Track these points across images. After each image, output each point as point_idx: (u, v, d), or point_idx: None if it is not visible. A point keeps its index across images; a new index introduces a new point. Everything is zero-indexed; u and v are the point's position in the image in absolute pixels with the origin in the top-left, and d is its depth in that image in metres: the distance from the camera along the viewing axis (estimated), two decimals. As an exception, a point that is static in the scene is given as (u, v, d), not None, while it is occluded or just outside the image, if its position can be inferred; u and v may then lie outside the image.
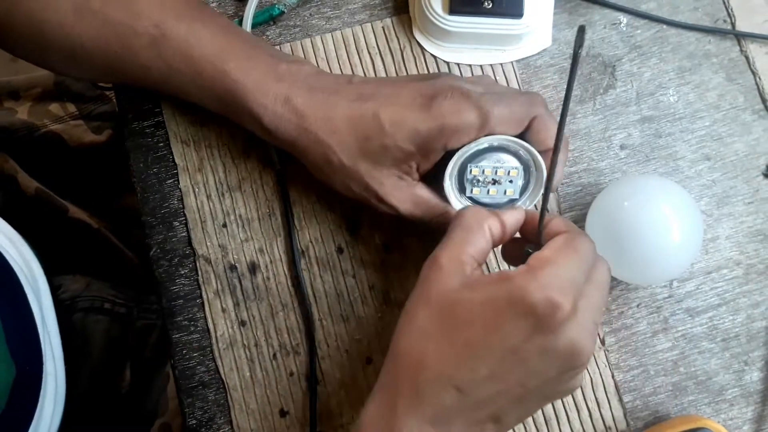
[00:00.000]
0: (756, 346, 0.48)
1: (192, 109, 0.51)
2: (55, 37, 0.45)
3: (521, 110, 0.41)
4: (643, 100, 0.51)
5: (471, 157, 0.41)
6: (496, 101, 0.41)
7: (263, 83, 0.43)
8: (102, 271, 0.66)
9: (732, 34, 0.51)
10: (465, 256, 0.36)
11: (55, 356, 0.53)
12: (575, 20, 0.52)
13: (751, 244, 0.49)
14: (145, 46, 0.44)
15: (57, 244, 0.63)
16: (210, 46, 0.43)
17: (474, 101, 0.40)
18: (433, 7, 0.48)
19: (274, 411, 0.48)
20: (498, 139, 0.41)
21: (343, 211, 0.50)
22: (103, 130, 0.72)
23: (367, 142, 0.41)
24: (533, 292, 0.33)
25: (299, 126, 0.43)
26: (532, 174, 0.42)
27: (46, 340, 0.52)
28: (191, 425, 0.48)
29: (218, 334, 0.49)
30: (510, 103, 0.41)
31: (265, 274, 0.49)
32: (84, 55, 0.45)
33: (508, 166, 0.41)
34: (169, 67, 0.44)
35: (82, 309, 0.61)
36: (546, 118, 0.42)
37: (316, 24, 0.52)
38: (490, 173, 0.42)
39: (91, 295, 0.63)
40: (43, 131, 0.69)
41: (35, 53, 0.48)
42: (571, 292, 0.34)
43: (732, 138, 0.50)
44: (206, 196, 0.50)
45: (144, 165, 0.51)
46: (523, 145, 0.41)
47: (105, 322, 0.63)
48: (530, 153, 0.41)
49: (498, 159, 0.41)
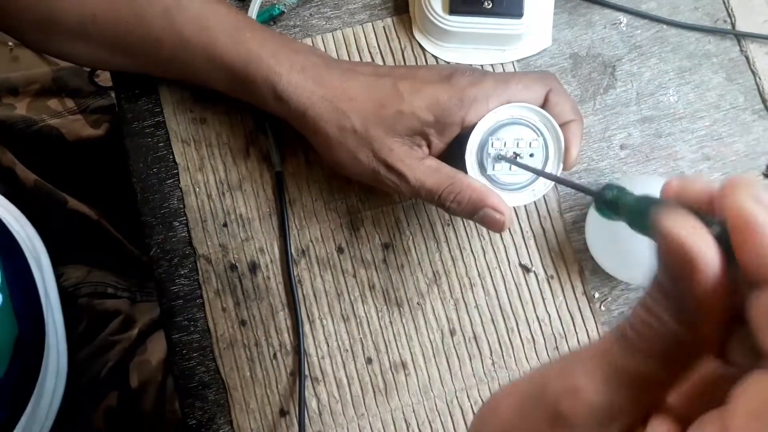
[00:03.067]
0: (756, 346, 0.48)
1: (192, 108, 0.51)
2: (65, 11, 0.45)
3: (537, 81, 0.42)
4: (643, 100, 0.51)
5: (490, 131, 0.41)
6: (512, 75, 0.42)
7: (280, 53, 0.43)
8: (102, 261, 0.66)
9: (732, 34, 0.51)
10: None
11: (57, 332, 0.53)
12: (575, 20, 0.52)
13: (751, 244, 0.49)
14: (158, 15, 0.44)
15: (57, 235, 0.63)
16: (226, 18, 0.44)
17: (491, 75, 0.42)
18: (433, 7, 0.48)
19: (274, 411, 0.48)
20: (520, 107, 0.41)
21: (343, 211, 0.50)
22: (101, 123, 0.72)
23: (383, 108, 0.42)
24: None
25: (315, 93, 0.42)
26: (551, 147, 0.42)
27: (48, 312, 0.52)
28: (191, 425, 0.48)
29: (218, 333, 0.49)
30: (526, 76, 0.42)
31: (265, 274, 0.49)
32: (94, 28, 0.45)
33: (528, 138, 0.41)
34: (181, 37, 0.44)
35: (85, 294, 0.61)
36: (561, 92, 0.43)
37: (316, 24, 0.52)
38: (512, 146, 0.41)
39: (93, 281, 0.63)
40: (40, 125, 0.69)
41: (41, 33, 0.48)
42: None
43: (732, 138, 0.50)
44: (207, 195, 0.50)
45: (144, 165, 0.51)
46: (543, 114, 0.41)
47: (111, 304, 0.63)
48: (549, 123, 0.41)
49: (516, 132, 0.41)
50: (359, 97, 0.42)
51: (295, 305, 0.48)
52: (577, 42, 0.51)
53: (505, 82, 0.41)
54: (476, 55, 0.51)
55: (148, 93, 0.51)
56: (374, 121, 0.42)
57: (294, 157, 0.50)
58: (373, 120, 0.42)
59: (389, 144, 0.42)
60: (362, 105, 0.42)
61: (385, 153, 0.42)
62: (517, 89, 0.41)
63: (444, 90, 0.41)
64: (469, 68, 0.43)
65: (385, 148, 0.42)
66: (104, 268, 0.66)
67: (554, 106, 0.42)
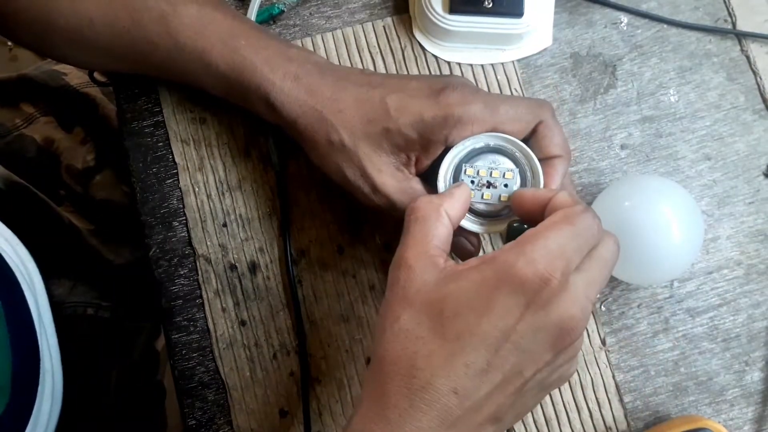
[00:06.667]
0: (757, 346, 0.48)
1: (192, 108, 0.51)
2: (63, 14, 0.45)
3: (528, 111, 0.41)
4: (644, 99, 0.51)
5: (467, 157, 0.41)
6: (504, 99, 0.41)
7: (274, 61, 0.43)
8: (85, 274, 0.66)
9: (733, 34, 0.51)
10: (432, 249, 0.35)
11: (52, 354, 0.53)
12: (576, 20, 0.52)
13: (751, 244, 0.49)
14: (154, 20, 0.44)
15: (44, 245, 0.62)
16: (221, 25, 0.44)
17: (482, 96, 0.41)
18: (434, 7, 0.48)
19: (274, 411, 0.48)
20: (496, 136, 0.40)
21: (343, 211, 0.50)
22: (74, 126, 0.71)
23: (370, 124, 0.41)
24: (521, 267, 0.32)
25: (306, 103, 0.42)
26: (528, 181, 0.41)
27: (43, 337, 0.51)
28: (191, 425, 0.48)
29: (218, 333, 0.48)
30: (517, 103, 0.41)
31: (265, 274, 0.49)
32: (91, 32, 0.45)
33: (503, 167, 0.41)
34: (176, 43, 0.44)
35: (65, 316, 0.61)
36: (552, 125, 0.41)
37: (316, 23, 0.52)
38: (485, 174, 0.40)
39: (73, 301, 0.62)
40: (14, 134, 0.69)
41: (38, 36, 0.48)
42: (560, 264, 0.32)
43: (733, 138, 0.50)
44: (206, 195, 0.50)
45: (143, 165, 0.51)
46: (521, 147, 0.40)
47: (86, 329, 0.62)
48: (527, 157, 0.40)
49: (494, 160, 0.41)
50: (348, 111, 0.42)
51: (295, 305, 0.48)
52: (578, 41, 0.51)
53: (493, 108, 0.40)
54: (476, 55, 0.51)
55: (148, 93, 0.51)
56: (361, 137, 0.41)
57: (294, 157, 0.50)
58: (360, 135, 0.41)
59: (377, 163, 0.42)
60: (350, 119, 0.42)
61: (373, 172, 0.42)
62: (506, 118, 0.40)
63: (430, 107, 0.40)
64: (462, 83, 0.42)
65: (372, 167, 0.42)
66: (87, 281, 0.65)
67: (541, 139, 0.41)
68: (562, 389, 0.47)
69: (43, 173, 0.68)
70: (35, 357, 0.50)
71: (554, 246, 0.33)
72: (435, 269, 0.34)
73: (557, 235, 0.33)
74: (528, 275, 0.32)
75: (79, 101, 0.71)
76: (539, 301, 0.32)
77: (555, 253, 0.32)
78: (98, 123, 0.71)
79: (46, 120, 0.70)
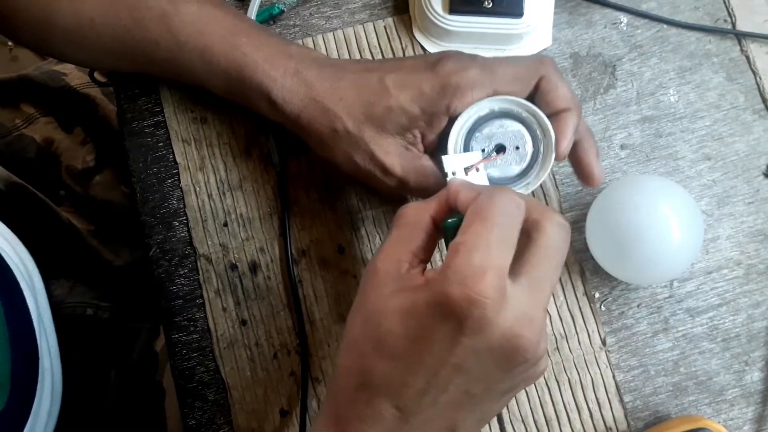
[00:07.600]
0: (756, 346, 0.48)
1: (192, 107, 0.51)
2: (63, 14, 0.45)
3: (527, 69, 0.40)
4: (644, 99, 0.51)
5: (474, 126, 0.40)
6: (501, 61, 0.41)
7: (274, 58, 0.43)
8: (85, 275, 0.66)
9: (732, 34, 0.51)
10: (404, 254, 0.33)
11: (51, 354, 0.53)
12: (576, 20, 0.52)
13: (751, 244, 0.49)
14: (155, 19, 0.44)
15: (44, 245, 0.62)
16: (222, 23, 0.44)
17: (479, 61, 0.40)
18: (434, 7, 0.48)
19: (274, 411, 0.48)
20: (500, 99, 0.40)
21: (344, 211, 0.50)
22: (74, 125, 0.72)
23: (371, 106, 0.41)
24: (451, 293, 0.30)
25: (307, 96, 0.42)
26: (539, 140, 0.40)
27: (42, 336, 0.51)
28: (191, 425, 0.48)
29: (219, 333, 0.48)
30: (515, 63, 0.41)
31: (265, 274, 0.49)
32: (91, 31, 0.45)
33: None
34: (177, 41, 0.44)
35: (64, 316, 0.61)
36: (554, 79, 0.40)
37: (316, 23, 0.52)
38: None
39: (73, 302, 0.62)
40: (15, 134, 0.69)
41: (38, 35, 0.48)
42: (489, 279, 0.29)
43: (732, 138, 0.50)
44: (207, 195, 0.50)
45: (143, 165, 0.51)
46: (527, 106, 0.39)
47: (85, 330, 0.62)
48: (535, 115, 0.39)
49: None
50: (348, 97, 0.42)
51: (296, 305, 0.48)
52: (578, 41, 0.51)
53: (491, 71, 0.40)
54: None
55: (148, 92, 0.51)
56: (365, 120, 0.41)
57: (295, 156, 0.50)
58: (363, 119, 0.41)
59: (384, 145, 0.41)
60: (351, 105, 0.41)
61: (381, 155, 0.41)
62: (505, 79, 0.40)
63: (427, 79, 0.40)
64: (457, 53, 0.41)
65: (380, 150, 0.41)
66: (87, 281, 0.65)
67: (545, 94, 0.40)
68: (563, 389, 0.47)
69: (43, 174, 0.68)
70: (34, 356, 0.50)
71: (477, 258, 0.30)
72: (394, 277, 0.33)
73: (475, 240, 0.31)
74: (457, 300, 0.29)
75: (80, 102, 0.71)
76: (473, 325, 0.30)
77: (479, 267, 0.30)
78: (98, 123, 0.71)
79: (46, 120, 0.70)
